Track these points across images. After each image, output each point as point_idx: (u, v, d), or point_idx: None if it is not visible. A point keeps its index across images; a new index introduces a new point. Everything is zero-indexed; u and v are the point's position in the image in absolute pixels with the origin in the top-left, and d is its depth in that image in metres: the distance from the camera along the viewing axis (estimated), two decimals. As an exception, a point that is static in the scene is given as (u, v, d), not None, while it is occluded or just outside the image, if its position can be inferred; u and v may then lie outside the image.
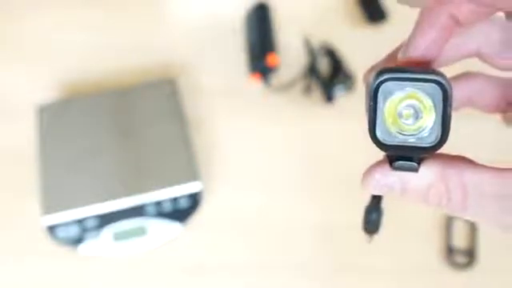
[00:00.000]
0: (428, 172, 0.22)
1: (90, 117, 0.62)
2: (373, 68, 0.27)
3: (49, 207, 0.56)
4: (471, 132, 0.54)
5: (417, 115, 0.21)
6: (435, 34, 0.23)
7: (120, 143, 0.60)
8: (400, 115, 0.22)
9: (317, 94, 0.65)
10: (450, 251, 0.55)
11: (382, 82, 0.21)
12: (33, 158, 0.60)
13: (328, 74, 0.66)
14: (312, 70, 0.65)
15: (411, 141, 0.22)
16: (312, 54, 0.67)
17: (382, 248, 0.56)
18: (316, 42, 0.68)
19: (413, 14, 0.23)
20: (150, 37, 0.72)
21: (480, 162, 0.22)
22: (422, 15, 0.23)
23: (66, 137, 0.61)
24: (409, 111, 0.21)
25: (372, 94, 0.21)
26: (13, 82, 0.69)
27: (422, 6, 0.23)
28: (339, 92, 0.64)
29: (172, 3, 0.76)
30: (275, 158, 0.62)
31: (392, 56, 0.27)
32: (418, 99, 0.21)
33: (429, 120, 0.21)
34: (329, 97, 0.63)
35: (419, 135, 0.21)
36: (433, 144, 0.21)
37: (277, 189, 0.60)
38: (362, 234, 0.58)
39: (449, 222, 0.56)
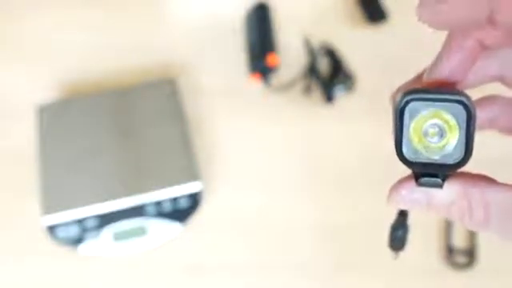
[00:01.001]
0: (451, 190, 0.23)
1: (90, 117, 0.62)
2: (400, 89, 0.28)
3: (49, 207, 0.56)
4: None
5: (441, 134, 0.22)
6: (461, 57, 0.23)
7: (120, 143, 0.60)
8: (425, 134, 0.22)
9: (317, 94, 0.65)
10: (450, 251, 0.55)
11: (408, 102, 0.22)
12: (33, 158, 0.60)
13: (328, 74, 0.66)
14: (312, 70, 0.65)
15: (436, 158, 0.22)
16: (312, 53, 0.67)
17: (382, 248, 0.56)
18: (316, 42, 0.68)
19: (413, 14, 0.23)
20: (150, 37, 0.72)
21: (501, 180, 0.23)
22: (448, 37, 0.23)
23: (66, 137, 0.61)
24: (434, 130, 0.22)
25: (398, 113, 0.22)
26: (13, 82, 0.69)
27: (448, 29, 0.23)
28: (339, 92, 0.64)
29: (172, 3, 0.76)
30: (275, 158, 0.62)
31: (419, 77, 0.27)
32: (442, 119, 0.22)
33: (453, 139, 0.22)
34: (329, 97, 0.63)
35: (444, 153, 0.22)
36: (457, 161, 0.22)
37: (277, 189, 0.60)
38: (361, 234, 0.58)
39: (449, 222, 0.56)
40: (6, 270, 0.57)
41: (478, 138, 0.23)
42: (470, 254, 0.55)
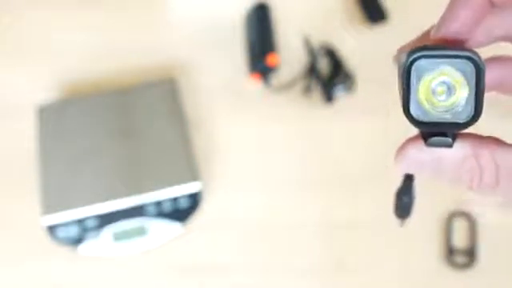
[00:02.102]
0: (461, 149, 0.22)
1: (90, 117, 0.62)
2: (403, 48, 0.27)
3: (49, 207, 0.56)
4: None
5: (450, 92, 0.22)
6: (468, 13, 0.22)
7: (120, 143, 0.60)
8: (433, 92, 0.22)
9: (317, 94, 0.65)
10: (450, 251, 0.55)
11: (414, 60, 0.22)
12: (33, 158, 0.60)
13: (328, 74, 0.66)
14: (312, 70, 0.65)
15: (445, 117, 0.22)
16: (312, 53, 0.67)
17: (383, 248, 0.56)
18: (316, 42, 0.68)
19: (413, 14, 0.23)
20: (150, 37, 0.72)
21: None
22: None
23: (66, 137, 0.61)
24: (442, 88, 0.22)
25: (405, 72, 0.22)
26: (13, 82, 0.69)
27: None
28: (339, 92, 0.64)
29: (172, 3, 0.76)
30: (275, 157, 0.62)
31: (423, 36, 0.26)
32: (450, 76, 0.21)
33: (462, 96, 0.22)
34: (329, 97, 0.63)
35: (453, 111, 0.22)
36: (466, 120, 0.22)
37: (277, 189, 0.60)
38: (362, 234, 0.58)
39: (449, 222, 0.56)
40: (6, 269, 0.57)
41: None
42: (470, 254, 0.55)
